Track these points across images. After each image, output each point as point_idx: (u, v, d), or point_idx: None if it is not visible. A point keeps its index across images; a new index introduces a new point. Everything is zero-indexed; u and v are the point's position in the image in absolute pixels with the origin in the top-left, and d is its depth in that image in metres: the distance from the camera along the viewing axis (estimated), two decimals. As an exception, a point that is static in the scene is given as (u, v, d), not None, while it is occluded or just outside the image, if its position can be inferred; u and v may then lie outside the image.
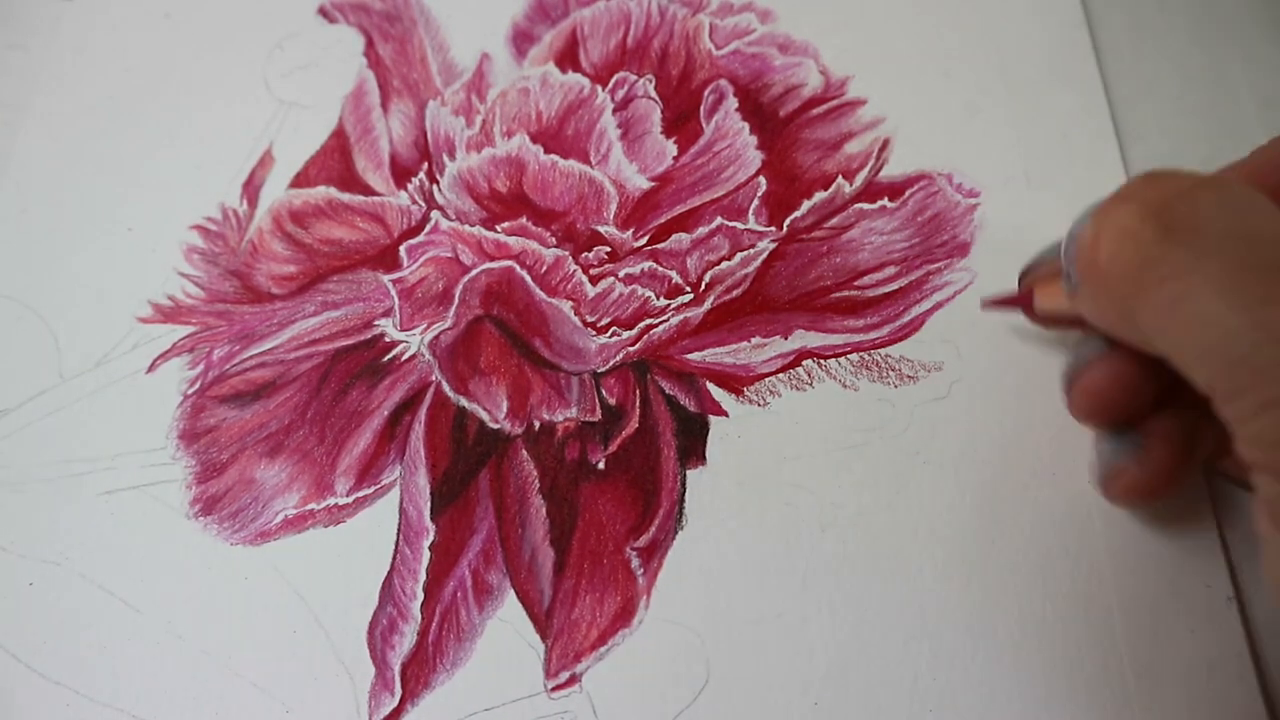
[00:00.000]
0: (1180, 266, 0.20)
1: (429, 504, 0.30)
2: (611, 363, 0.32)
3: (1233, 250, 0.20)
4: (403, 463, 0.30)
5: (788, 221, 0.33)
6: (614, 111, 0.36)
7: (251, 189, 0.36)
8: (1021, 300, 0.29)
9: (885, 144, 0.35)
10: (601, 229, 0.34)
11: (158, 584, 0.29)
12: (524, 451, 0.30)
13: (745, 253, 0.33)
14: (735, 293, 0.32)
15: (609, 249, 0.33)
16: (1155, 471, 0.26)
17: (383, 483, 0.30)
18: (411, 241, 0.34)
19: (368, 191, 0.35)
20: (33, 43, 0.40)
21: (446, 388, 0.31)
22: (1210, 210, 0.21)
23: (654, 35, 0.38)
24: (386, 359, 0.32)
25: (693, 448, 0.30)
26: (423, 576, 0.29)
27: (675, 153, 0.35)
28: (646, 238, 0.33)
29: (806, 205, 0.34)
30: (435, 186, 0.35)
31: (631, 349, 0.32)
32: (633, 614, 0.28)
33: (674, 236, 0.33)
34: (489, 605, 0.28)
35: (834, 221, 0.33)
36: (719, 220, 0.33)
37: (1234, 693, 0.26)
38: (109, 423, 0.32)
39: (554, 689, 0.27)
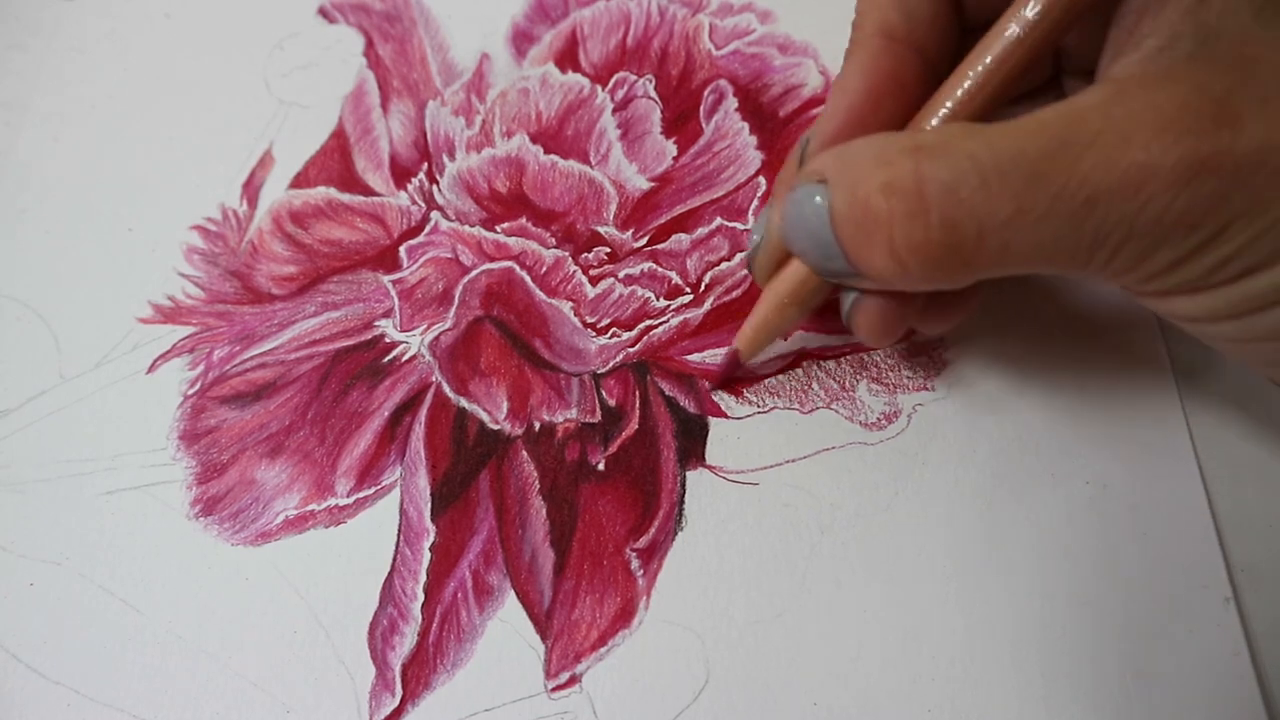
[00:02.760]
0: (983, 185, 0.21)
1: (429, 505, 0.30)
2: (611, 364, 0.32)
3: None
4: (403, 463, 0.30)
5: (787, 222, 0.33)
6: (614, 112, 0.36)
7: (251, 189, 0.36)
8: (731, 364, 0.30)
9: (885, 144, 0.35)
10: (601, 229, 0.34)
11: (158, 584, 0.29)
12: (524, 452, 0.30)
13: (745, 253, 0.33)
14: (735, 293, 0.32)
15: (609, 249, 0.33)
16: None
17: (383, 483, 0.30)
18: (411, 242, 0.34)
19: (367, 192, 0.35)
20: (33, 43, 0.40)
21: (447, 388, 0.31)
22: (945, 135, 0.22)
23: (654, 35, 0.38)
24: (387, 360, 0.32)
25: (692, 449, 0.30)
26: (423, 577, 0.29)
27: (675, 153, 0.35)
28: (646, 238, 0.33)
29: (806, 206, 0.34)
30: (435, 187, 0.35)
31: (631, 350, 0.32)
32: (632, 615, 0.28)
33: (674, 237, 0.33)
34: (489, 606, 0.29)
35: (833, 222, 0.33)
36: (719, 221, 0.33)
37: (1232, 693, 0.26)
38: (109, 423, 0.32)
39: (554, 689, 0.27)
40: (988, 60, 0.23)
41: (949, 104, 0.24)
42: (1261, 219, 0.20)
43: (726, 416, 0.31)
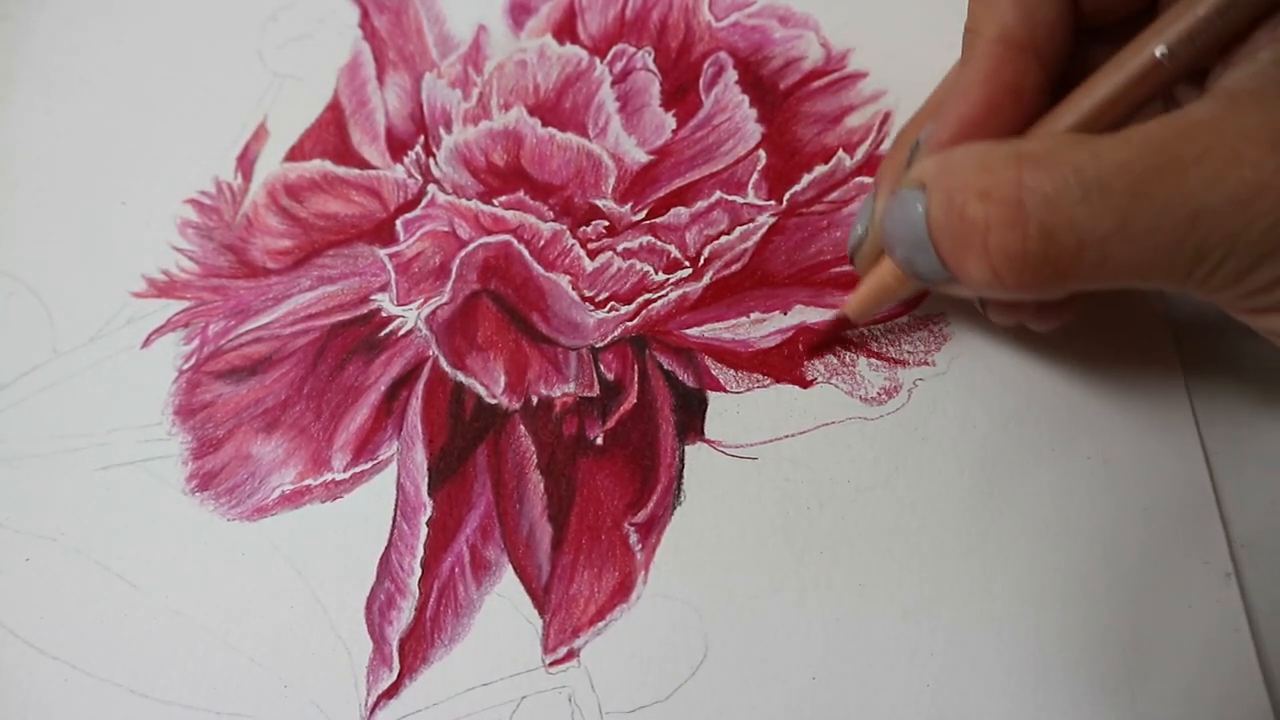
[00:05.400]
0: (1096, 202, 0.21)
1: (426, 479, 0.30)
2: (610, 338, 0.31)
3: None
4: (400, 438, 0.30)
5: (787, 195, 0.33)
6: (612, 84, 0.35)
7: (246, 162, 0.35)
8: (839, 325, 0.30)
9: (886, 117, 0.34)
10: (599, 203, 0.33)
11: (155, 559, 0.29)
12: (522, 427, 0.30)
13: (744, 227, 0.33)
14: (734, 267, 0.32)
15: (607, 223, 0.33)
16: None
17: (380, 458, 0.30)
18: (408, 215, 0.34)
19: (363, 165, 0.35)
20: (21, 13, 0.39)
21: (444, 363, 0.31)
22: (1049, 145, 0.22)
23: (653, 7, 0.37)
24: (383, 334, 0.32)
25: (691, 423, 0.30)
26: (420, 552, 0.29)
27: (674, 126, 0.35)
28: (645, 212, 0.33)
29: (806, 179, 0.33)
30: (432, 160, 0.35)
31: (630, 324, 0.31)
32: (631, 589, 0.28)
33: (672, 210, 0.33)
34: (487, 580, 0.28)
35: (834, 195, 0.33)
36: (718, 194, 0.33)
37: (1232, 668, 0.26)
38: (104, 398, 0.32)
39: (552, 664, 0.27)
40: (1120, 80, 0.23)
41: (1071, 119, 0.23)
42: None
43: (725, 391, 0.30)
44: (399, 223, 0.34)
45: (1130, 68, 0.23)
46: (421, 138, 0.35)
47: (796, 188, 0.33)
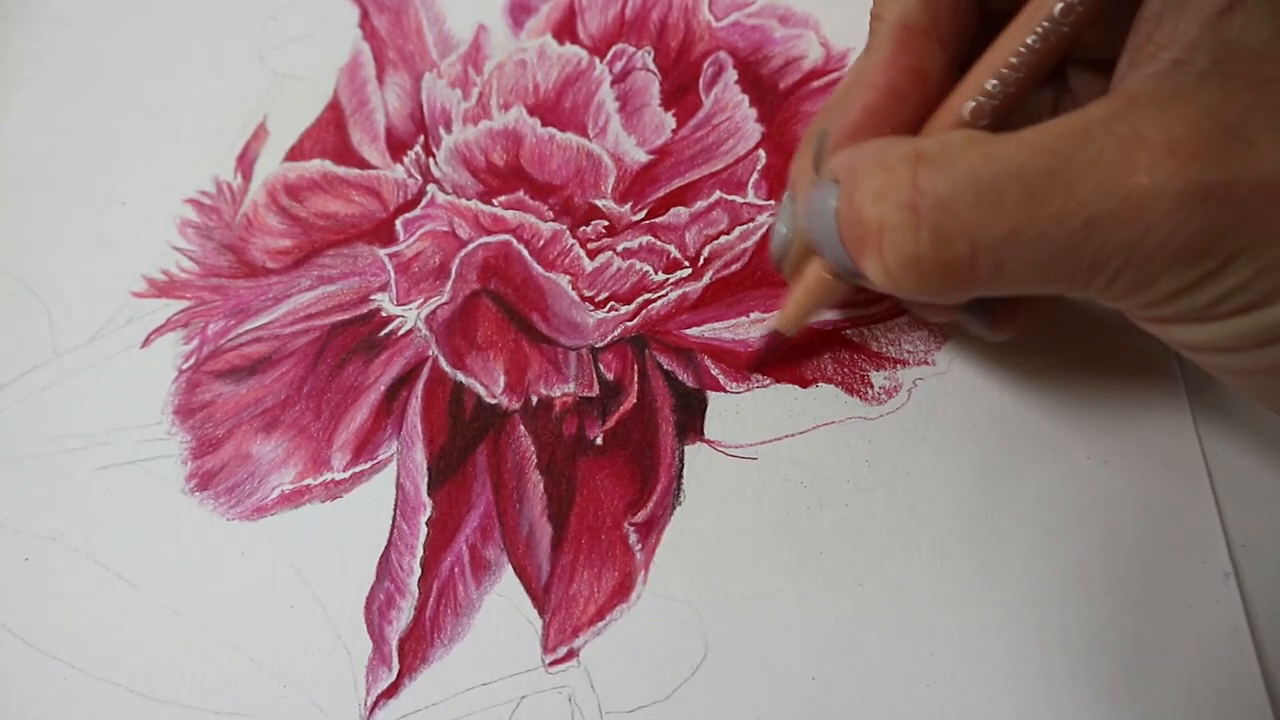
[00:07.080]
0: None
1: (426, 479, 0.30)
2: (609, 338, 0.31)
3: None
4: (400, 438, 0.30)
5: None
6: (612, 84, 0.35)
7: (246, 162, 0.35)
8: (773, 342, 0.29)
9: (886, 117, 0.34)
10: (599, 202, 0.33)
11: (154, 559, 0.29)
12: (521, 427, 0.30)
13: (744, 227, 0.33)
14: (734, 267, 0.32)
15: (607, 223, 0.33)
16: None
17: (380, 458, 0.30)
18: (408, 215, 0.34)
19: (363, 165, 0.35)
20: (20, 14, 0.39)
21: (444, 362, 0.31)
22: (947, 145, 0.21)
23: (652, 7, 0.37)
24: (383, 334, 0.32)
25: (691, 423, 0.30)
26: (420, 552, 0.29)
27: (674, 125, 0.35)
28: (644, 211, 0.33)
29: (806, 179, 0.33)
30: (431, 160, 0.35)
31: (629, 324, 0.31)
32: (630, 589, 0.28)
33: (672, 210, 0.33)
34: (486, 580, 0.28)
35: (834, 196, 0.33)
36: (718, 194, 0.33)
37: (1232, 667, 0.26)
38: (104, 398, 0.32)
39: (551, 664, 0.27)
40: (1011, 60, 0.22)
41: (970, 104, 0.23)
42: (1271, 251, 0.19)
43: (725, 391, 0.30)
44: (399, 222, 0.34)
45: (1014, 44, 0.22)
46: (421, 137, 0.35)
47: (796, 187, 0.33)
